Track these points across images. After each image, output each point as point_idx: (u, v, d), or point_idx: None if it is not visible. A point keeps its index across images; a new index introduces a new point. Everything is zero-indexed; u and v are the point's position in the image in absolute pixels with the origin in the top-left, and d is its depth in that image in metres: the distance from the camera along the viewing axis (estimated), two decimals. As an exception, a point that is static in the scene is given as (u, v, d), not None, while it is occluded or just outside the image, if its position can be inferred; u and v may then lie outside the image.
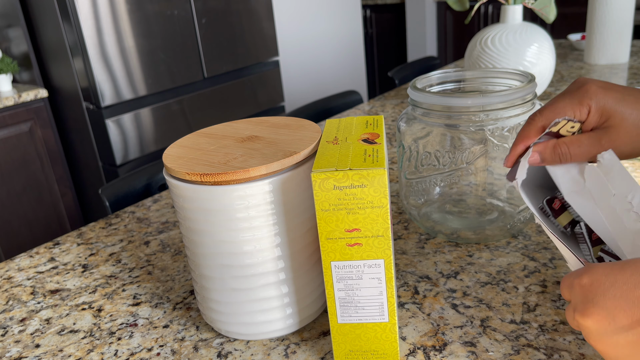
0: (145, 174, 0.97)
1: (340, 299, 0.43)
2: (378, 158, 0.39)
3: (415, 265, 0.60)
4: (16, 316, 0.59)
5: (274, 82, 2.55)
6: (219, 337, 0.52)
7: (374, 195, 0.38)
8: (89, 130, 2.01)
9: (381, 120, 0.48)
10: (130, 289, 0.62)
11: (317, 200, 0.39)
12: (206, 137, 0.52)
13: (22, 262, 0.71)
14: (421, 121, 0.61)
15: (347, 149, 0.42)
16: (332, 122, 0.50)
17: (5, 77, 2.00)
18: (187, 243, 0.49)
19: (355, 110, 1.29)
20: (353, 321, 0.43)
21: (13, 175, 1.97)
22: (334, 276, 0.42)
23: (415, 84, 0.62)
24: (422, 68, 1.76)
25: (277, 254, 0.46)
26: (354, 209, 0.39)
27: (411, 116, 0.62)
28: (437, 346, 0.47)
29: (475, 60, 1.13)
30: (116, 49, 1.90)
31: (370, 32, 4.15)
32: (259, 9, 2.39)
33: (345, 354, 0.45)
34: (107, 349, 0.52)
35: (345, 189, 0.38)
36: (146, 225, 0.78)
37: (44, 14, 1.90)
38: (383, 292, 0.42)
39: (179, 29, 2.08)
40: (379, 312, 0.43)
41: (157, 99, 2.07)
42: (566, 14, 3.13)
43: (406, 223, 0.70)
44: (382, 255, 0.40)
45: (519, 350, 0.46)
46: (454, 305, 0.53)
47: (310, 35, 3.02)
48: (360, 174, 0.38)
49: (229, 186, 0.43)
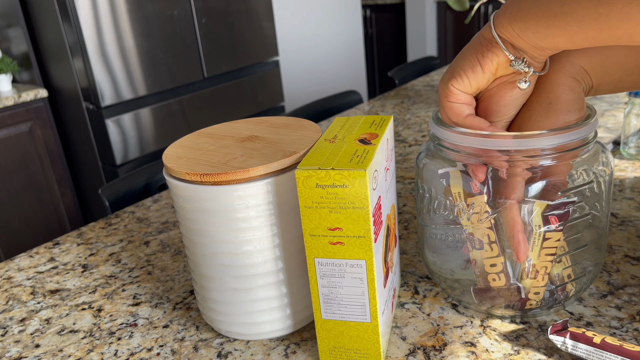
0: (145, 174, 0.97)
1: (323, 295, 0.43)
2: (365, 159, 0.39)
3: (415, 265, 0.60)
4: (16, 316, 0.59)
5: (274, 82, 2.55)
6: (219, 337, 0.52)
7: (355, 196, 0.38)
8: (89, 130, 2.01)
9: (388, 121, 0.48)
10: (130, 289, 0.62)
11: (301, 197, 0.40)
12: (206, 137, 0.52)
13: (22, 262, 0.71)
14: (445, 160, 0.48)
15: (340, 148, 0.42)
16: (340, 119, 0.50)
17: (5, 77, 2.00)
18: (187, 243, 0.49)
19: (355, 110, 1.29)
20: (336, 318, 0.44)
21: (13, 175, 1.97)
22: (318, 272, 0.42)
23: (439, 114, 0.48)
24: (422, 68, 1.76)
25: (276, 254, 0.46)
26: (335, 208, 0.39)
27: (432, 153, 0.50)
28: (437, 346, 0.47)
29: (475, 60, 1.13)
30: (116, 49, 1.90)
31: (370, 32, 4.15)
32: (259, 9, 2.39)
33: (329, 350, 0.45)
34: (107, 349, 0.52)
35: (327, 187, 0.39)
36: (146, 225, 0.78)
37: (44, 14, 1.90)
38: (365, 292, 0.42)
39: (179, 29, 2.08)
40: (361, 312, 0.43)
41: (157, 99, 2.07)
42: (566, 14, 3.12)
43: (406, 223, 0.70)
44: (364, 256, 0.40)
45: (519, 350, 0.46)
46: (454, 305, 0.53)
47: (310, 35, 3.02)
48: (341, 174, 0.38)
49: (228, 186, 0.43)
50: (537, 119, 0.43)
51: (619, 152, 0.84)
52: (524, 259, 0.45)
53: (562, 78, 0.43)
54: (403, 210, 0.74)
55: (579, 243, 0.46)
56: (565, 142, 0.41)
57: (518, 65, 0.40)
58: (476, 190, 0.45)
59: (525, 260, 0.46)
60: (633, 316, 0.48)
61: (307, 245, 0.42)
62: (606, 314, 0.49)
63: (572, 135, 0.42)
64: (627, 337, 0.46)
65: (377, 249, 0.42)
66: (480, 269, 0.47)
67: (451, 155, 0.46)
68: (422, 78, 1.54)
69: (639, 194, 0.71)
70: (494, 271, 0.47)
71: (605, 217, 0.48)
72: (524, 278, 0.47)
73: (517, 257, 0.45)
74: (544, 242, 0.45)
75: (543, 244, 0.45)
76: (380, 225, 0.43)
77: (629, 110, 0.81)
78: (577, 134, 0.42)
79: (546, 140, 0.41)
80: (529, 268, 0.46)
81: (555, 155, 0.42)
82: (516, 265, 0.47)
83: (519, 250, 0.44)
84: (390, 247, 0.48)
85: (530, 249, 0.45)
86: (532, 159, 0.42)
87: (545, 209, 0.44)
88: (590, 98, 1.14)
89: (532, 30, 0.37)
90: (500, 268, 0.46)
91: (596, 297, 0.51)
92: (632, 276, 0.54)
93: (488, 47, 0.40)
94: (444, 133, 0.45)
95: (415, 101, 1.30)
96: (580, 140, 0.42)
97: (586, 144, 0.43)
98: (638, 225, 0.63)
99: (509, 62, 0.40)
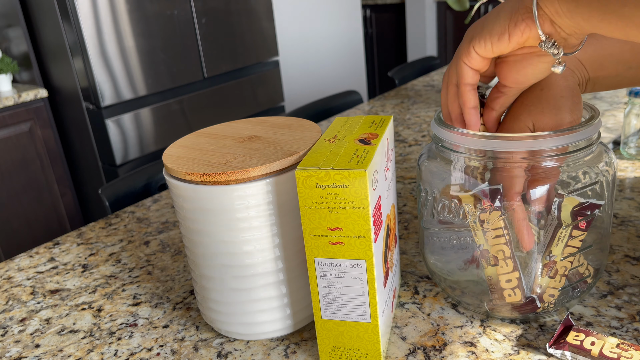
0: (145, 174, 0.97)
1: (323, 295, 0.43)
2: (365, 159, 0.39)
3: (415, 265, 0.60)
4: (16, 316, 0.59)
5: (274, 82, 2.55)
6: (219, 337, 0.52)
7: (355, 196, 0.39)
8: (89, 130, 2.01)
9: (388, 121, 0.48)
10: (130, 289, 0.62)
11: (301, 197, 0.40)
12: (206, 137, 0.52)
13: (22, 262, 0.71)
14: (447, 162, 0.47)
15: (340, 148, 0.42)
16: (340, 119, 0.50)
17: (5, 77, 2.00)
18: (187, 243, 0.49)
19: (355, 110, 1.29)
20: (336, 318, 0.44)
21: (13, 175, 1.97)
22: (318, 272, 0.42)
23: (441, 115, 0.48)
24: (422, 68, 1.76)
25: (276, 254, 0.46)
26: (335, 208, 0.39)
27: (433, 155, 0.49)
28: (437, 346, 0.47)
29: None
30: (116, 49, 1.90)
31: (370, 32, 4.15)
32: (259, 9, 2.39)
33: (329, 350, 0.45)
34: (107, 349, 0.52)
35: (327, 187, 0.39)
36: (146, 225, 0.78)
37: (44, 14, 1.90)
38: (365, 292, 0.42)
39: (179, 29, 2.08)
40: (361, 312, 0.43)
41: (157, 99, 2.07)
42: (566, 14, 3.13)
43: (406, 223, 0.70)
44: (364, 256, 0.41)
45: (519, 350, 0.46)
46: (454, 305, 0.53)
47: (310, 35, 3.02)
48: (341, 174, 0.38)
49: (228, 186, 0.43)
50: (530, 105, 0.43)
51: (619, 152, 0.84)
52: (529, 248, 0.44)
53: None
54: (403, 210, 0.74)
55: (585, 243, 0.46)
56: (570, 142, 0.41)
57: (547, 46, 0.37)
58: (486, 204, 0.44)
59: (547, 255, 0.45)
60: (633, 316, 0.48)
61: (307, 245, 0.42)
62: (606, 314, 0.49)
63: (576, 136, 0.41)
64: (627, 337, 0.46)
65: (377, 249, 0.42)
66: (495, 285, 0.47)
67: (453, 157, 0.46)
68: (422, 78, 1.54)
69: (639, 194, 0.71)
70: (510, 287, 0.46)
71: (608, 217, 0.47)
72: (542, 276, 0.46)
73: (523, 246, 0.44)
74: (570, 240, 0.44)
75: (568, 242, 0.44)
76: (380, 225, 0.43)
77: (629, 110, 0.81)
78: (581, 134, 0.41)
79: (550, 142, 0.41)
80: (551, 265, 0.45)
81: (559, 157, 0.42)
82: (530, 278, 0.46)
83: (523, 240, 0.44)
84: (390, 247, 0.48)
85: (554, 244, 0.44)
86: (534, 159, 0.42)
87: (575, 206, 0.43)
88: (591, 98, 1.14)
89: (583, 17, 0.35)
90: (515, 283, 0.46)
91: (596, 297, 0.51)
92: (632, 276, 0.54)
93: (523, 17, 0.37)
94: (445, 134, 0.45)
95: (415, 101, 1.30)
96: (584, 140, 0.42)
97: (590, 145, 0.43)
98: (638, 225, 0.63)
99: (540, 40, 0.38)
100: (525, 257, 0.46)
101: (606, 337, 0.44)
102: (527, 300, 0.47)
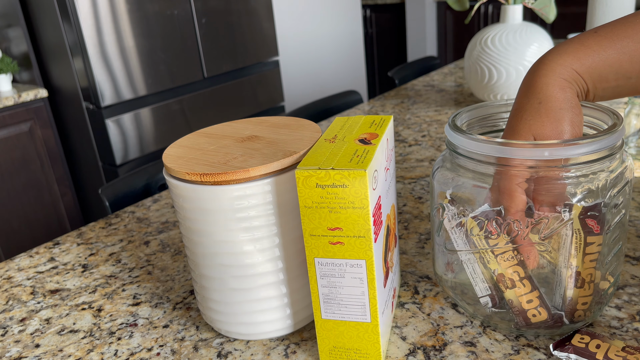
0: (145, 174, 0.97)
1: (323, 295, 0.43)
2: (365, 159, 0.39)
3: (415, 265, 0.60)
4: (16, 316, 0.59)
5: (274, 82, 2.55)
6: (219, 337, 0.52)
7: (355, 196, 0.39)
8: (89, 130, 2.01)
9: (388, 121, 0.48)
10: (130, 289, 0.62)
11: (301, 197, 0.40)
12: (206, 137, 0.52)
13: (22, 262, 0.71)
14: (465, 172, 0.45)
15: (340, 148, 0.42)
16: (340, 119, 0.50)
17: (5, 77, 2.00)
18: (186, 243, 0.49)
19: (355, 110, 1.29)
20: (336, 318, 0.44)
21: (13, 175, 1.97)
22: (318, 272, 0.42)
23: (456, 120, 0.46)
24: (422, 68, 1.76)
25: (276, 254, 0.46)
26: (335, 208, 0.39)
27: (450, 165, 0.47)
28: (437, 346, 0.47)
29: (475, 60, 1.13)
30: (116, 49, 1.90)
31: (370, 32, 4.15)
32: (259, 9, 2.39)
33: (329, 350, 0.45)
34: (107, 349, 0.52)
35: (327, 187, 0.39)
36: (146, 225, 0.78)
37: (44, 14, 1.90)
38: (365, 292, 0.42)
39: (179, 29, 2.08)
40: (361, 312, 0.43)
41: (157, 99, 2.07)
42: (566, 13, 3.13)
43: (406, 223, 0.70)
44: (364, 256, 0.41)
45: (519, 350, 0.46)
46: (454, 305, 0.53)
47: (310, 35, 3.02)
48: (341, 173, 0.38)
49: (228, 186, 0.43)
50: (529, 119, 0.43)
51: (619, 152, 0.84)
52: (533, 266, 0.44)
53: (552, 79, 0.43)
54: (403, 210, 0.74)
55: (617, 246, 0.45)
56: (593, 150, 0.40)
57: None
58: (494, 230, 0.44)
59: (569, 268, 0.44)
60: (633, 316, 0.48)
61: (307, 245, 0.42)
62: (606, 314, 0.49)
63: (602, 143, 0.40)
64: (627, 337, 0.46)
65: (377, 249, 0.42)
66: (517, 307, 0.46)
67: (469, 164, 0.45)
68: (422, 78, 1.54)
69: (639, 194, 0.71)
70: (532, 307, 0.45)
71: (626, 221, 0.46)
72: (569, 288, 0.45)
73: (527, 265, 0.44)
74: (586, 247, 0.43)
75: (586, 250, 0.43)
76: (380, 225, 0.43)
77: (629, 110, 0.81)
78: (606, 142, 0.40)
79: (572, 150, 0.40)
80: (575, 276, 0.44)
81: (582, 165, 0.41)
82: (554, 294, 0.46)
83: (526, 259, 0.44)
84: (390, 247, 0.48)
85: (574, 255, 0.43)
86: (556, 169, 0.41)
87: (581, 211, 0.42)
88: (590, 98, 1.14)
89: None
90: (537, 303, 0.45)
91: (596, 297, 0.51)
92: (632, 276, 0.54)
93: None
94: (461, 141, 0.44)
95: (415, 101, 1.30)
96: (607, 149, 0.41)
97: (612, 155, 0.42)
98: (638, 225, 0.63)
99: None
100: (547, 275, 0.45)
101: (611, 340, 0.43)
102: (553, 318, 0.46)
